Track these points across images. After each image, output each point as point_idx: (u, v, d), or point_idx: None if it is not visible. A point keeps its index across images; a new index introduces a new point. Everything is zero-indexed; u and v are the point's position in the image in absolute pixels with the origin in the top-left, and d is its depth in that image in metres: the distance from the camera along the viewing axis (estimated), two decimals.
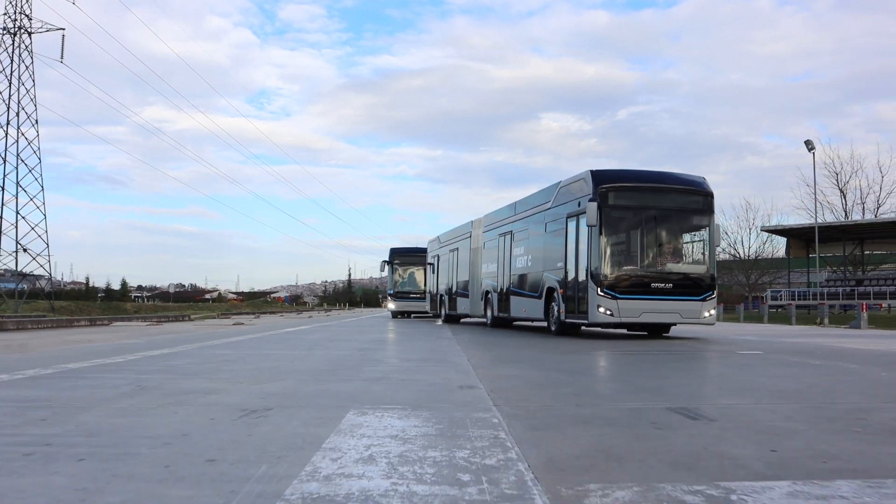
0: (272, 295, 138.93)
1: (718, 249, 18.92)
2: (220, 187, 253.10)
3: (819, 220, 49.39)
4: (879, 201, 51.88)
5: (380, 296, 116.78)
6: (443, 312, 25.52)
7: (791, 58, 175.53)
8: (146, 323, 24.50)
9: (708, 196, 13.68)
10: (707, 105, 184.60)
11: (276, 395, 4.91)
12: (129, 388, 5.27)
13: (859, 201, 52.27)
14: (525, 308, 16.84)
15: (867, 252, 49.46)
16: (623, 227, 13.59)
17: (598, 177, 13.33)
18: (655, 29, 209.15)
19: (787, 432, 3.64)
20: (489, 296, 19.80)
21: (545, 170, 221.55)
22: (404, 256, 31.55)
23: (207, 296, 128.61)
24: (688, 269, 13.57)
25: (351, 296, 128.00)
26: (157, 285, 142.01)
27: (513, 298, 17.73)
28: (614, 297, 12.87)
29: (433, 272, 27.46)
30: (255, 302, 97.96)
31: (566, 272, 14.16)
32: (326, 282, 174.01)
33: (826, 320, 23.54)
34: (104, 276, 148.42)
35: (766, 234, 53.49)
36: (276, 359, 8.24)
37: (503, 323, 19.22)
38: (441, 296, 25.91)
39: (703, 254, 13.82)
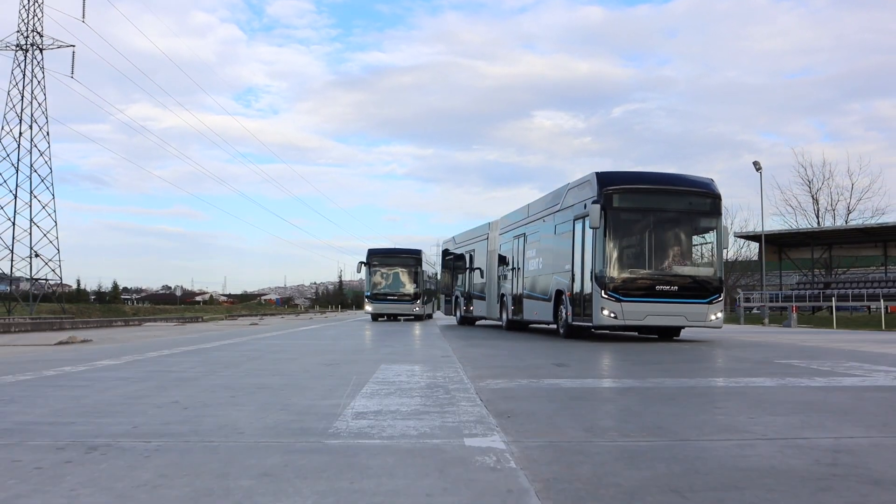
0: (263, 297, 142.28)
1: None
2: (206, 187, 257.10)
3: (793, 226, 53.43)
4: (850, 207, 56.11)
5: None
6: (458, 314, 26.05)
7: (788, 54, 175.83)
8: (173, 323, 28.30)
9: (715, 198, 14.00)
10: (703, 103, 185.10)
11: (335, 360, 8.83)
12: (246, 357, 9.18)
13: (831, 207, 56.52)
14: (536, 311, 17.15)
15: (836, 256, 53.65)
16: (628, 230, 13.83)
17: (603, 179, 13.71)
18: (650, 25, 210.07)
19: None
20: (504, 298, 20.05)
21: (538, 169, 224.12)
22: (382, 257, 31.65)
23: (198, 298, 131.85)
24: (694, 272, 13.82)
25: (342, 298, 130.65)
26: (143, 287, 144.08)
27: (525, 301, 18.02)
28: (618, 300, 13.18)
29: (449, 273, 28.25)
30: (249, 304, 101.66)
31: (573, 275, 14.50)
32: (317, 283, 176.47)
33: (767, 320, 27.62)
34: (87, 278, 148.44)
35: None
36: (316, 346, 12.12)
37: (518, 326, 19.45)
38: (456, 297, 26.42)
39: (710, 256, 14.14)
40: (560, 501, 2.46)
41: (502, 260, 20.55)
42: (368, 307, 31.35)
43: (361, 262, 31.26)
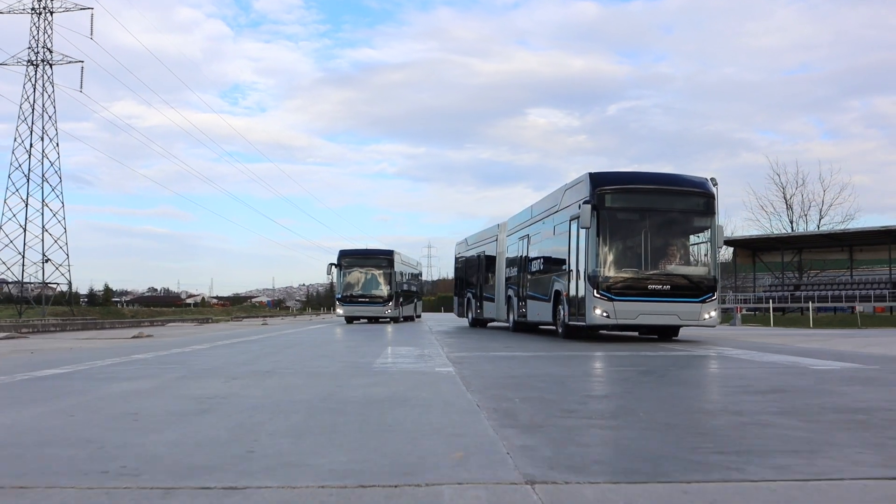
0: (253, 300, 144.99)
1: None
2: (192, 186, 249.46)
3: (768, 231, 57.77)
4: (822, 212, 60.48)
5: None
6: (470, 316, 26.56)
7: (787, 51, 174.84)
8: (192, 324, 32.32)
9: (709, 197, 14.32)
10: (700, 100, 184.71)
11: (357, 346, 12.87)
12: (292, 343, 13.22)
13: (804, 213, 60.88)
14: (539, 312, 17.50)
15: (807, 259, 58.03)
16: (621, 229, 14.11)
17: (596, 179, 14.16)
18: (646, 21, 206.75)
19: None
20: (511, 300, 20.58)
21: (532, 168, 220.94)
22: (354, 258, 31.39)
23: (190, 300, 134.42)
24: (687, 271, 14.13)
25: (334, 300, 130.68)
26: (128, 290, 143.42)
27: (529, 302, 18.46)
28: (610, 299, 13.59)
29: (461, 275, 28.98)
30: (244, 306, 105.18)
31: (569, 275, 14.95)
32: (307, 285, 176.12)
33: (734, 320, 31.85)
34: (73, 280, 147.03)
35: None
36: (334, 337, 16.14)
37: (524, 328, 19.86)
38: (468, 299, 26.96)
39: (704, 255, 14.47)
40: (469, 383, 6.50)
41: (509, 261, 21.15)
42: (339, 310, 31.28)
43: (332, 264, 30.96)
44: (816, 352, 11.02)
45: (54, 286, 52.68)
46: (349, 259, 31.28)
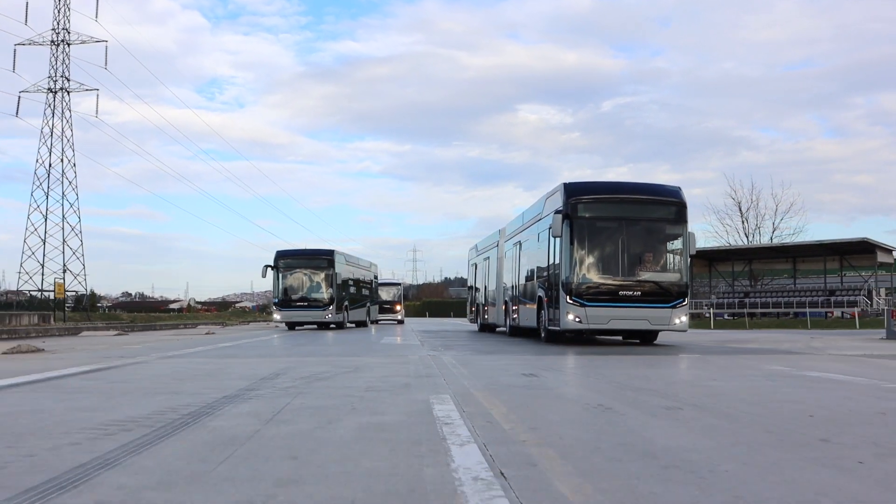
0: (237, 304, 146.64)
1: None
2: (166, 185, 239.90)
3: (726, 243, 64.71)
4: (774, 225, 67.35)
5: None
6: (479, 322, 27.47)
7: (787, 45, 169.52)
8: (218, 326, 38.16)
9: (680, 206, 14.96)
10: (698, 96, 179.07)
11: (363, 338, 19.29)
12: (333, 340, 19.62)
13: (758, 227, 67.78)
14: (528, 317, 18.19)
15: (757, 269, 64.93)
16: (593, 238, 14.83)
17: (570, 189, 14.99)
18: (642, 13, 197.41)
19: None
20: (507, 305, 21.41)
21: (523, 166, 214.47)
22: (293, 259, 29.94)
23: (174, 305, 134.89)
24: (658, 278, 14.75)
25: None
26: (101, 294, 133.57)
27: (521, 307, 19.30)
28: (582, 305, 14.33)
29: (473, 281, 29.82)
30: (235, 311, 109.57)
31: (549, 281, 15.73)
32: None
33: None
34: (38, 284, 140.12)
35: None
36: (346, 338, 22.44)
37: (520, 332, 20.55)
38: (477, 305, 28.06)
39: (676, 262, 15.10)
40: (445, 356, 12.93)
41: (506, 268, 21.82)
42: (276, 315, 29.91)
43: (267, 266, 29.21)
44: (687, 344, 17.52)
45: (73, 293, 58.60)
46: (286, 260, 29.75)
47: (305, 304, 29.20)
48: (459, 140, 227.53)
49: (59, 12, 57.75)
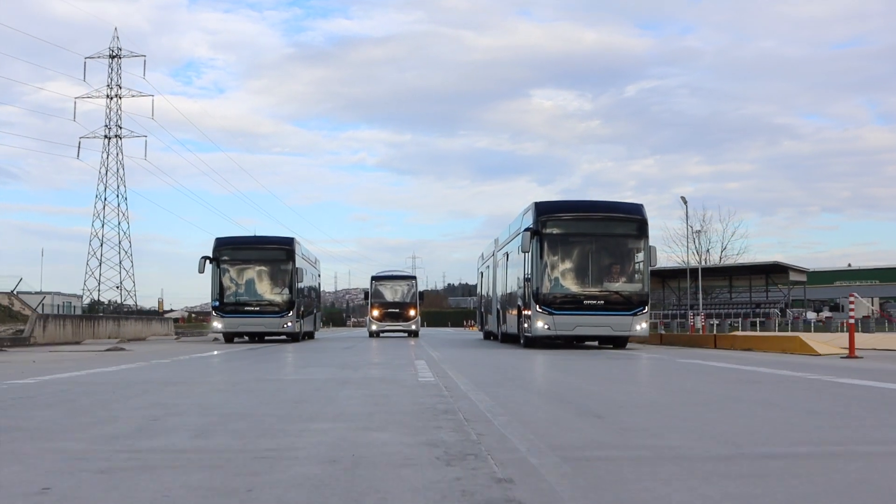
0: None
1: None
2: (137, 180, 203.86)
3: (682, 262, 73.17)
4: (723, 245, 75.88)
5: (344, 315, 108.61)
6: (484, 329, 28.09)
7: (834, 21, 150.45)
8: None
9: (641, 223, 15.65)
10: (734, 79, 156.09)
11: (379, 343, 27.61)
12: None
13: (708, 247, 76.31)
14: (512, 324, 18.86)
15: (704, 285, 73.33)
16: (560, 252, 15.68)
17: (540, 208, 15.90)
18: None
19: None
20: (498, 314, 22.29)
21: (537, 158, 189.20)
22: (236, 249, 22.71)
23: (172, 316, 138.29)
24: (619, 288, 15.52)
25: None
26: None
27: (507, 315, 20.03)
28: (550, 313, 15.10)
29: (479, 289, 30.64)
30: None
31: (524, 291, 16.40)
32: None
33: None
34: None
35: None
36: (362, 345, 30.64)
37: (508, 338, 20.83)
38: (481, 312, 29.09)
39: (637, 274, 15.78)
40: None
41: (498, 277, 22.78)
42: (216, 323, 22.22)
43: (205, 258, 21.94)
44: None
45: (129, 306, 66.99)
46: (230, 250, 22.54)
47: (256, 308, 22.24)
48: (465, 129, 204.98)
49: (112, 70, 66.28)
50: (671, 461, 3.48)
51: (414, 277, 33.84)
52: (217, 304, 22.42)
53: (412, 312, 31.40)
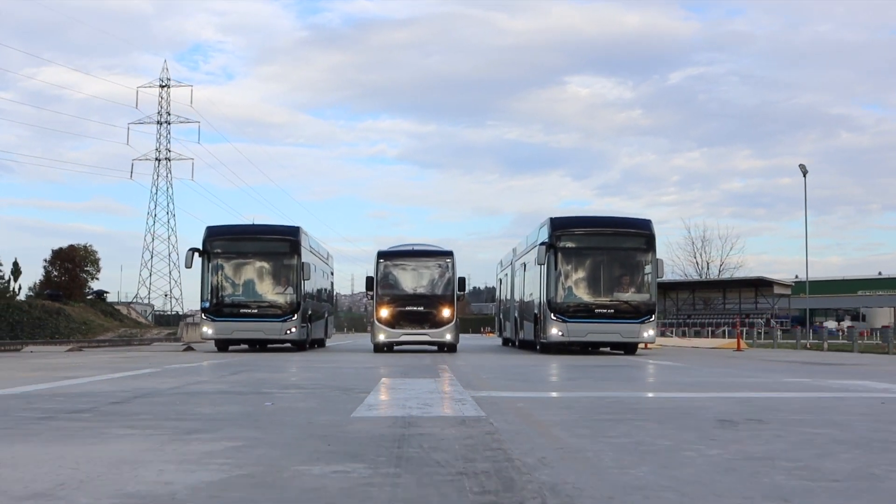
0: None
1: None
2: (137, 173, 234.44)
3: (683, 276, 77.57)
4: (722, 261, 79.95)
5: (364, 320, 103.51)
6: (503, 336, 28.29)
7: None
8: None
9: (649, 237, 16.77)
10: (787, 66, 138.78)
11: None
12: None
13: (707, 263, 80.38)
14: (529, 331, 19.53)
15: (699, 296, 77.69)
16: (574, 264, 16.80)
17: (555, 223, 16.95)
18: None
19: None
20: (516, 321, 22.92)
21: (572, 151, 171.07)
22: (233, 241, 19.60)
23: (190, 320, 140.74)
24: (628, 298, 16.57)
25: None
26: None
27: (524, 323, 20.67)
28: (564, 321, 16.17)
29: (498, 296, 30.76)
30: None
31: (540, 300, 17.33)
32: None
33: None
34: None
35: None
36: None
37: (525, 345, 21.37)
38: (499, 319, 29.51)
39: (645, 284, 16.78)
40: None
41: (516, 286, 23.48)
42: (206, 329, 18.80)
43: (193, 250, 18.73)
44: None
45: (174, 313, 72.74)
46: (223, 241, 19.39)
47: (254, 311, 18.96)
48: (494, 119, 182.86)
49: (162, 99, 72.08)
50: None
51: (450, 254, 20.37)
52: (207, 305, 18.75)
53: (446, 312, 19.67)
